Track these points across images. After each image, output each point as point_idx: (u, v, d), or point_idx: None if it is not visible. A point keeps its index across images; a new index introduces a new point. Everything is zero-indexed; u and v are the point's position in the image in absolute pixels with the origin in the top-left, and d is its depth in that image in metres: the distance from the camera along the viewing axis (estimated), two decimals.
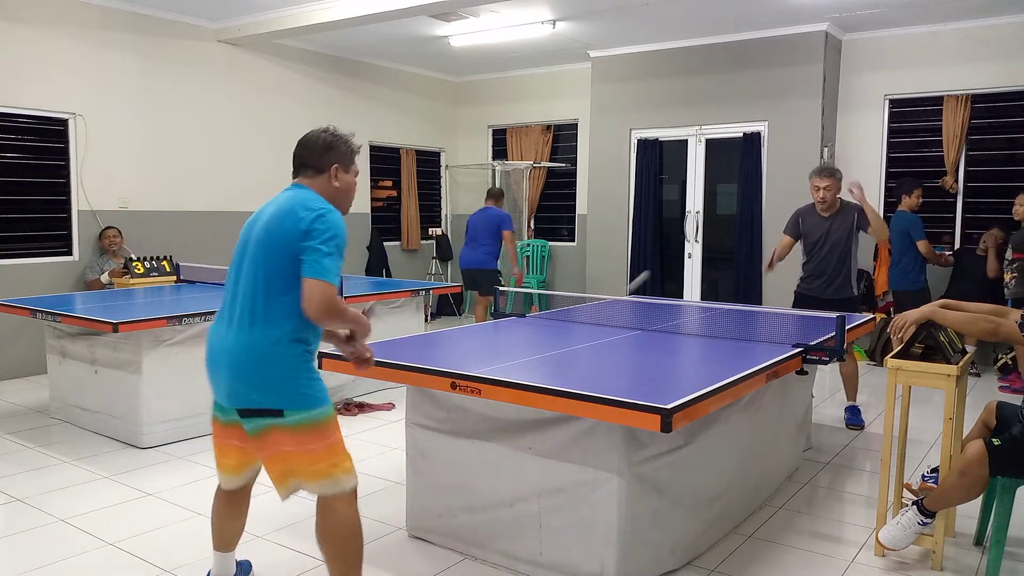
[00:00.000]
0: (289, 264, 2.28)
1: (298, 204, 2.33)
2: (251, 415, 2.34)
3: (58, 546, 3.18)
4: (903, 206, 6.62)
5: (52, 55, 6.38)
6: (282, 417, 2.30)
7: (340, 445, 2.39)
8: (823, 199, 4.93)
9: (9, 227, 6.32)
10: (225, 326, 2.39)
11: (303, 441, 2.31)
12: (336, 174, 2.48)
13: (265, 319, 2.30)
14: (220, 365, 2.37)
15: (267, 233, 2.33)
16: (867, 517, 3.50)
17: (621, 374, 2.94)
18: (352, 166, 2.55)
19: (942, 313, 3.00)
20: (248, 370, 2.31)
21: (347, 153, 2.51)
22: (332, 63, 8.67)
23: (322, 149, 2.47)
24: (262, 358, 2.30)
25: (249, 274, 2.35)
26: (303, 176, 2.48)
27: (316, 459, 2.33)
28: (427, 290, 6.09)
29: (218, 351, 2.38)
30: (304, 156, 2.48)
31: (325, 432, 2.35)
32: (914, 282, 6.46)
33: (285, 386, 2.31)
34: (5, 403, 5.53)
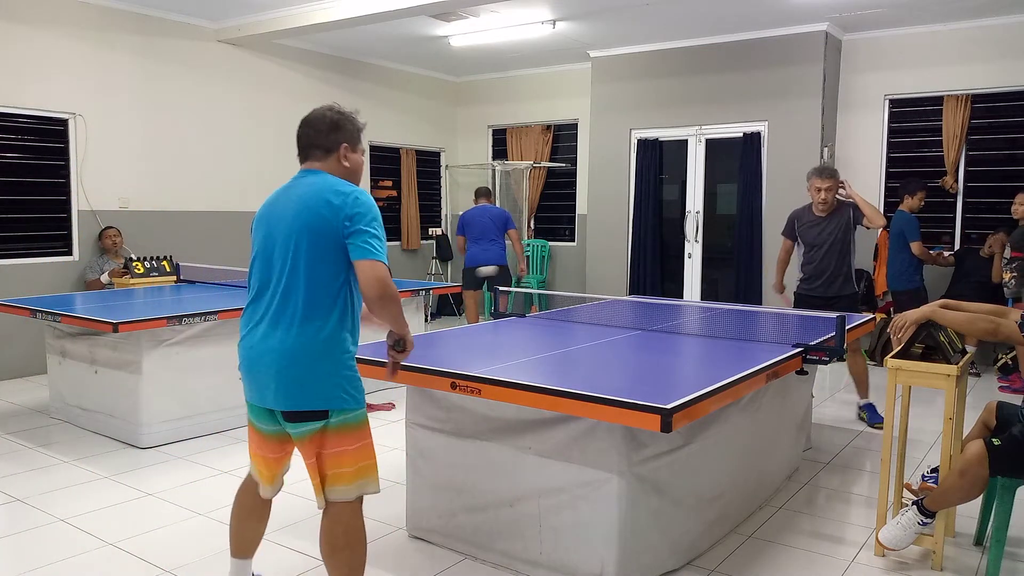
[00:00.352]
0: (331, 253, 2.23)
1: (326, 190, 2.26)
2: (299, 419, 2.28)
3: (58, 546, 3.18)
4: (903, 206, 6.62)
5: (52, 55, 6.38)
6: (327, 419, 2.27)
7: (372, 447, 2.38)
8: (824, 200, 4.94)
9: (9, 227, 6.32)
10: (267, 326, 2.28)
11: (341, 442, 2.29)
12: (345, 154, 2.40)
13: (313, 314, 2.24)
14: (267, 368, 2.27)
15: (302, 224, 2.25)
16: (867, 517, 3.50)
17: (621, 374, 2.93)
18: (359, 144, 2.47)
19: (942, 313, 3.00)
20: (301, 369, 2.24)
21: (354, 131, 2.43)
22: (332, 63, 8.68)
23: (329, 128, 2.38)
24: (315, 355, 2.24)
25: (287, 269, 2.26)
26: (312, 159, 2.40)
27: (350, 460, 2.31)
28: (427, 290, 6.09)
29: (263, 353, 2.28)
30: (311, 136, 2.39)
31: (361, 434, 2.34)
32: (909, 281, 6.48)
33: (332, 384, 2.26)
34: (5, 403, 5.53)
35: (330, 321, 2.26)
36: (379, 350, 3.21)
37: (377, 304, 2.21)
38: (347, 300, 2.31)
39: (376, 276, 2.17)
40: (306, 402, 2.25)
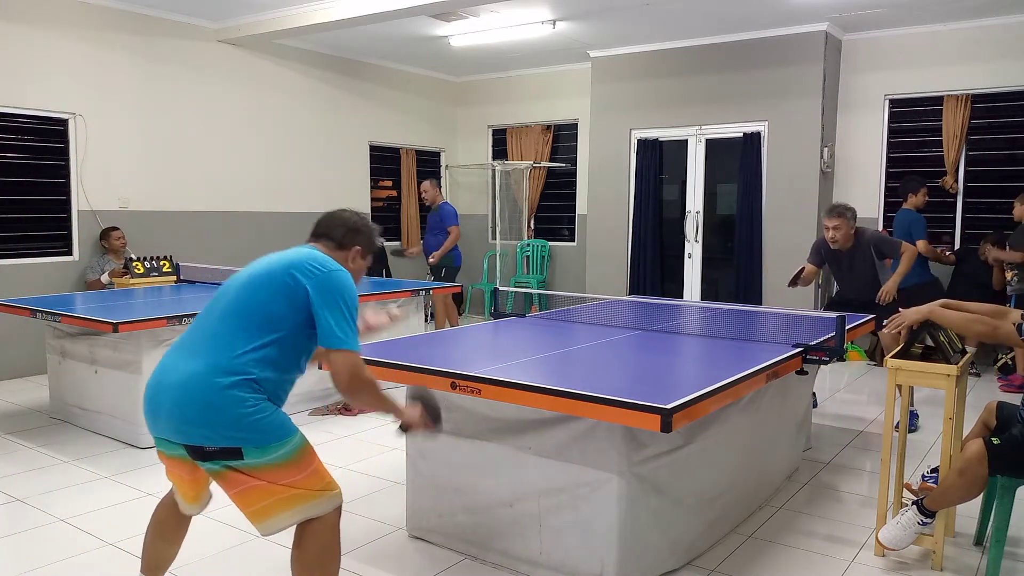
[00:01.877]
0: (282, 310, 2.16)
1: (312, 258, 2.22)
2: (205, 457, 2.12)
3: (58, 546, 3.18)
4: (908, 204, 6.61)
5: (52, 55, 6.38)
6: (241, 460, 2.10)
7: (317, 475, 2.20)
8: (833, 239, 4.99)
9: (9, 227, 6.32)
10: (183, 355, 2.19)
11: (271, 479, 2.12)
12: (355, 257, 2.41)
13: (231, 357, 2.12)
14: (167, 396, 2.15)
15: (271, 275, 2.20)
16: (867, 517, 3.50)
17: (621, 374, 2.94)
18: (368, 255, 2.48)
19: (941, 313, 3.00)
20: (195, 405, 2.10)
21: (369, 242, 2.45)
22: (332, 63, 8.67)
23: (350, 229, 2.41)
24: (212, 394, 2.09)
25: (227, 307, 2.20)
26: (321, 244, 2.37)
27: (287, 492, 2.14)
28: (427, 290, 6.09)
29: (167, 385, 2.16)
30: (330, 228, 2.40)
31: (297, 467, 2.16)
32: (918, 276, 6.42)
33: (240, 422, 2.08)
34: (5, 403, 5.53)
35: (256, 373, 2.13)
36: (379, 350, 3.21)
37: (349, 395, 2.17)
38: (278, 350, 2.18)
39: (349, 367, 2.13)
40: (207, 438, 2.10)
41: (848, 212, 4.96)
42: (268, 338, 2.16)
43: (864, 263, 5.03)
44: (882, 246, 5.03)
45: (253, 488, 2.14)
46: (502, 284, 9.48)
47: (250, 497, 2.15)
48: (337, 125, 8.78)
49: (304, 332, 2.21)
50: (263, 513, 2.16)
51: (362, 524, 3.39)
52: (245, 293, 2.21)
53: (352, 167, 9.02)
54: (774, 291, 7.59)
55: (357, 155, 9.08)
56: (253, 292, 2.20)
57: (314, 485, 2.18)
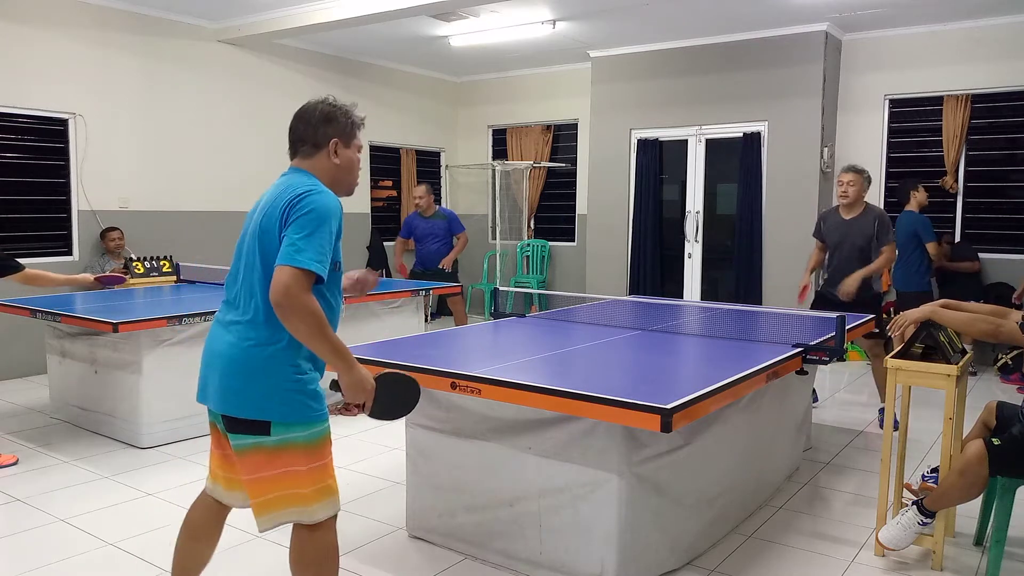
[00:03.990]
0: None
1: (289, 190, 2.12)
2: (236, 429, 2.11)
3: (58, 546, 3.18)
4: (911, 205, 6.57)
5: (52, 55, 6.38)
6: (267, 435, 2.08)
7: (329, 468, 2.17)
8: (844, 193, 4.99)
9: (9, 227, 6.32)
10: (220, 326, 2.19)
11: (288, 463, 2.10)
12: (336, 149, 2.24)
13: (258, 319, 2.10)
14: (212, 368, 2.16)
15: (259, 225, 2.13)
16: (867, 517, 3.50)
17: (621, 374, 2.94)
18: (354, 140, 2.30)
19: (942, 313, 3.00)
20: (237, 374, 2.09)
21: (347, 125, 2.27)
22: (332, 63, 8.68)
23: (319, 121, 2.23)
24: (252, 362, 2.08)
25: (245, 270, 2.16)
26: (300, 156, 2.26)
27: (302, 481, 2.11)
28: (427, 290, 6.09)
29: (212, 353, 2.18)
30: (300, 130, 2.25)
31: (315, 454, 2.13)
32: (919, 283, 6.39)
33: (274, 395, 2.07)
34: (5, 403, 5.53)
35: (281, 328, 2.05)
36: (379, 350, 3.21)
37: (278, 314, 2.00)
38: None
39: (281, 282, 1.95)
40: (243, 409, 2.08)
41: (864, 172, 5.02)
42: None
43: (861, 237, 4.96)
44: (885, 227, 4.97)
45: (269, 477, 2.11)
46: (502, 284, 9.48)
47: (264, 486, 2.12)
48: None
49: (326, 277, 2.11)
50: (271, 505, 2.13)
51: (362, 524, 3.39)
52: (255, 248, 2.13)
53: None
54: (774, 291, 7.59)
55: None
56: (262, 248, 2.11)
57: (322, 480, 2.15)
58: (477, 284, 9.97)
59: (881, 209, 5.14)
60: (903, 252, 6.47)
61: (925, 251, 6.44)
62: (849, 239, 5.02)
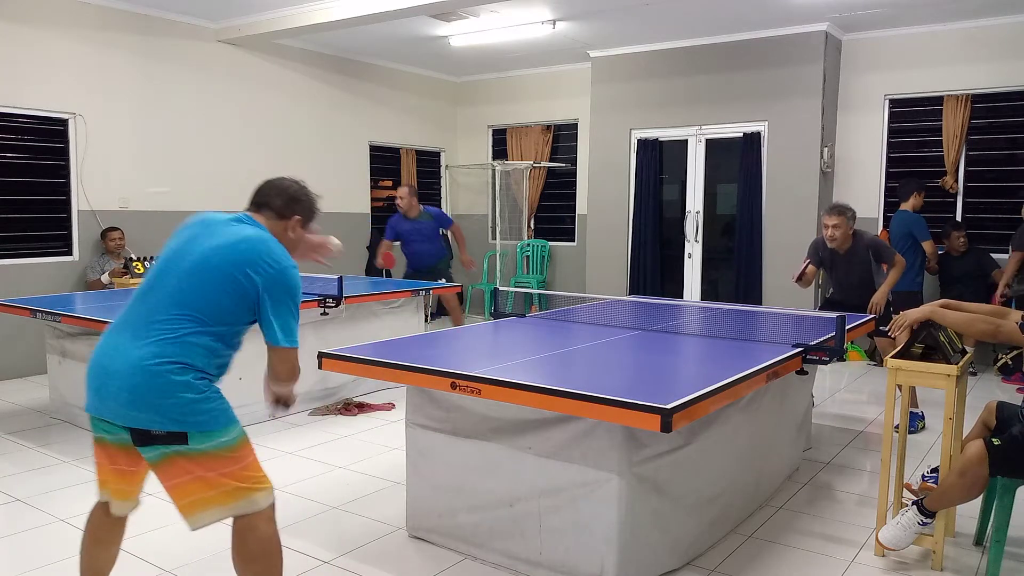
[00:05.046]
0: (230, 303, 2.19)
1: (265, 251, 2.23)
2: (151, 442, 2.13)
3: (58, 546, 3.18)
4: (906, 205, 6.60)
5: (52, 55, 6.38)
6: (186, 444, 2.12)
7: (253, 467, 2.24)
8: (832, 237, 4.91)
9: (9, 227, 6.32)
10: (128, 337, 2.18)
11: (210, 466, 2.15)
12: (294, 226, 2.43)
13: (179, 339, 2.14)
14: (116, 382, 2.14)
15: (219, 270, 2.19)
16: (867, 517, 3.50)
17: (621, 374, 2.94)
18: (310, 225, 2.50)
19: (942, 313, 3.00)
20: (151, 391, 2.10)
21: (310, 212, 2.47)
22: (332, 63, 8.68)
23: (290, 197, 2.42)
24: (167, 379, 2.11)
25: (176, 289, 2.19)
26: (260, 215, 2.38)
27: (224, 482, 2.17)
28: (427, 290, 6.09)
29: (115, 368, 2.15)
30: (270, 195, 2.41)
31: (235, 457, 2.19)
32: (911, 283, 6.45)
33: (189, 408, 2.12)
34: (5, 403, 5.53)
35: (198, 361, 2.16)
36: (380, 350, 3.21)
37: (280, 384, 2.35)
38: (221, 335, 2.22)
39: (291, 365, 2.30)
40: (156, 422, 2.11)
41: (848, 212, 4.93)
42: (216, 329, 2.20)
43: (860, 265, 4.98)
44: (880, 251, 4.98)
45: (192, 480, 2.16)
46: (502, 284, 9.49)
47: (188, 489, 2.18)
48: (337, 125, 8.78)
49: (248, 322, 2.30)
50: (198, 506, 2.19)
51: (362, 524, 3.39)
52: (195, 282, 2.19)
53: (352, 167, 9.02)
54: (774, 291, 7.59)
55: (357, 155, 9.08)
56: (202, 284, 2.19)
57: (249, 478, 2.21)
58: (477, 284, 9.97)
59: (869, 236, 5.06)
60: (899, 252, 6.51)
61: (918, 251, 6.49)
62: (851, 273, 5.02)
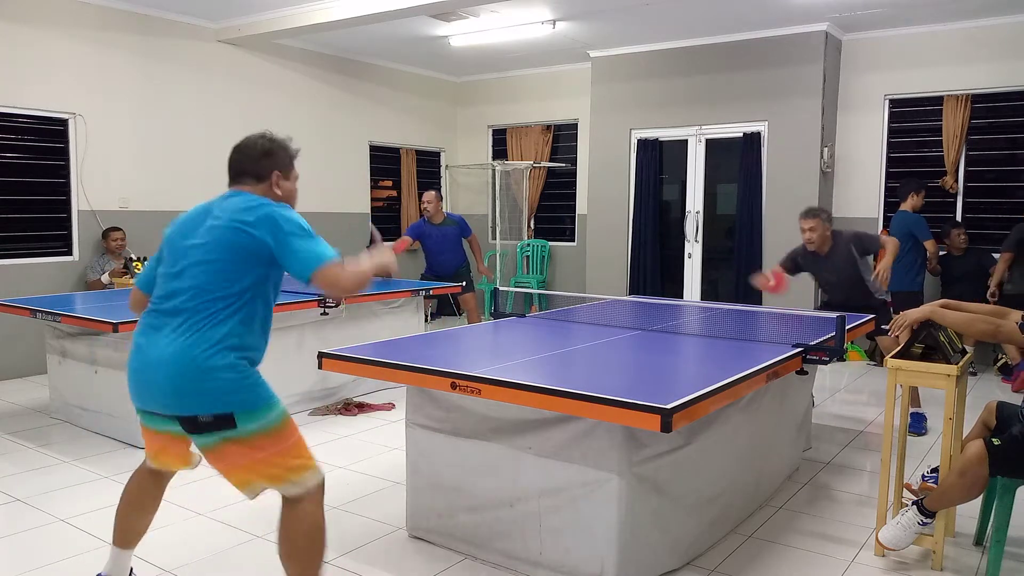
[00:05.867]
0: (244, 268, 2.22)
1: (246, 204, 2.26)
2: (201, 430, 2.20)
3: (58, 546, 3.18)
4: (906, 205, 6.61)
5: (52, 55, 6.38)
6: (234, 428, 2.18)
7: (300, 445, 2.30)
8: (809, 240, 4.87)
9: (9, 227, 6.32)
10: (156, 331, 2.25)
11: (260, 447, 2.21)
12: (277, 181, 2.41)
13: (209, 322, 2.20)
14: (158, 375, 2.21)
15: (225, 241, 2.23)
16: (867, 517, 3.50)
17: (621, 374, 2.94)
18: (292, 171, 2.47)
19: (942, 313, 3.00)
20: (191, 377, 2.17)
21: (286, 158, 2.44)
22: (332, 63, 8.68)
23: (260, 155, 2.39)
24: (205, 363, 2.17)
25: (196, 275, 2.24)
26: (241, 184, 2.41)
27: (276, 463, 2.23)
28: (427, 290, 6.09)
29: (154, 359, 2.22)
30: (242, 162, 2.41)
31: (282, 435, 2.25)
32: (912, 282, 6.46)
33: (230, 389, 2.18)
34: (5, 403, 5.53)
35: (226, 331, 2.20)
36: (380, 350, 3.21)
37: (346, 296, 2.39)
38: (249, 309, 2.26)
39: (334, 282, 2.21)
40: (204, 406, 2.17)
41: (823, 213, 4.85)
42: (243, 301, 2.24)
43: (844, 263, 4.90)
44: (864, 242, 4.91)
45: (244, 465, 2.24)
46: (502, 284, 9.48)
47: (241, 472, 2.26)
48: (337, 125, 8.78)
49: (267, 280, 2.30)
50: (250, 483, 2.27)
51: (362, 524, 3.39)
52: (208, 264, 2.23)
53: (352, 167, 9.02)
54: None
55: (357, 155, 9.08)
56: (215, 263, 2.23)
57: (298, 455, 2.28)
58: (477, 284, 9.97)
59: (848, 232, 4.99)
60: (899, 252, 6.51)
61: (919, 251, 6.50)
62: (835, 273, 4.97)
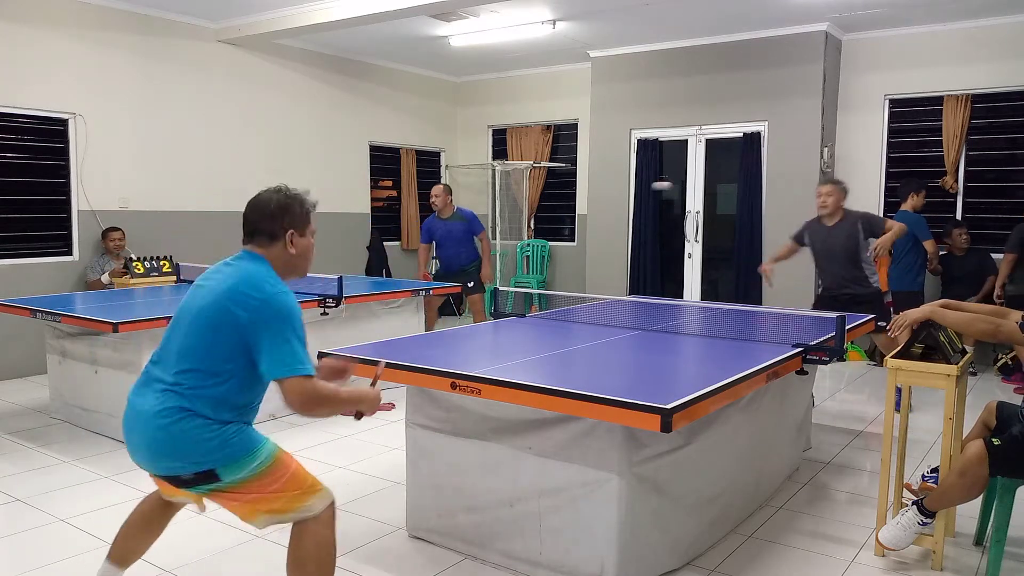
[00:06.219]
0: (226, 350, 2.13)
1: (247, 283, 2.15)
2: (187, 485, 2.17)
3: (58, 546, 3.18)
4: (907, 205, 6.62)
5: (52, 55, 6.38)
6: (220, 481, 2.15)
7: (298, 477, 2.23)
8: (823, 204, 5.23)
9: (9, 227, 6.32)
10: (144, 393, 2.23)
11: (253, 491, 2.17)
12: (292, 240, 2.29)
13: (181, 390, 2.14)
14: (137, 431, 2.20)
15: (211, 308, 2.15)
16: (867, 517, 3.50)
17: (621, 374, 2.94)
18: (308, 227, 2.34)
19: (942, 313, 3.00)
20: (167, 441, 2.14)
21: (302, 215, 2.31)
22: (332, 63, 8.68)
23: (274, 213, 2.26)
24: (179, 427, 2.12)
25: (182, 337, 2.19)
26: (255, 244, 2.29)
27: (274, 499, 2.19)
28: (427, 290, 6.09)
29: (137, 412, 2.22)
30: (256, 222, 2.27)
31: (274, 475, 2.19)
32: (912, 283, 6.47)
33: (209, 448, 2.12)
34: (5, 403, 5.53)
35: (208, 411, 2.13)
36: (379, 350, 3.21)
37: (307, 416, 2.20)
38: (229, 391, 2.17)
39: (299, 395, 2.08)
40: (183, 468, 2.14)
41: (841, 183, 5.26)
42: (223, 377, 2.15)
43: (847, 239, 5.16)
44: (872, 223, 5.21)
45: (241, 504, 2.21)
46: (502, 284, 9.48)
47: (241, 509, 2.23)
48: (337, 125, 8.78)
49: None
50: (255, 516, 2.24)
51: (362, 524, 3.39)
52: (195, 335, 2.17)
53: (352, 167, 9.02)
54: (774, 291, 7.57)
55: (357, 155, 9.08)
56: (200, 332, 2.16)
57: (297, 487, 2.22)
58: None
59: (861, 211, 5.34)
60: (898, 251, 6.53)
61: (920, 251, 6.51)
62: (835, 244, 5.24)
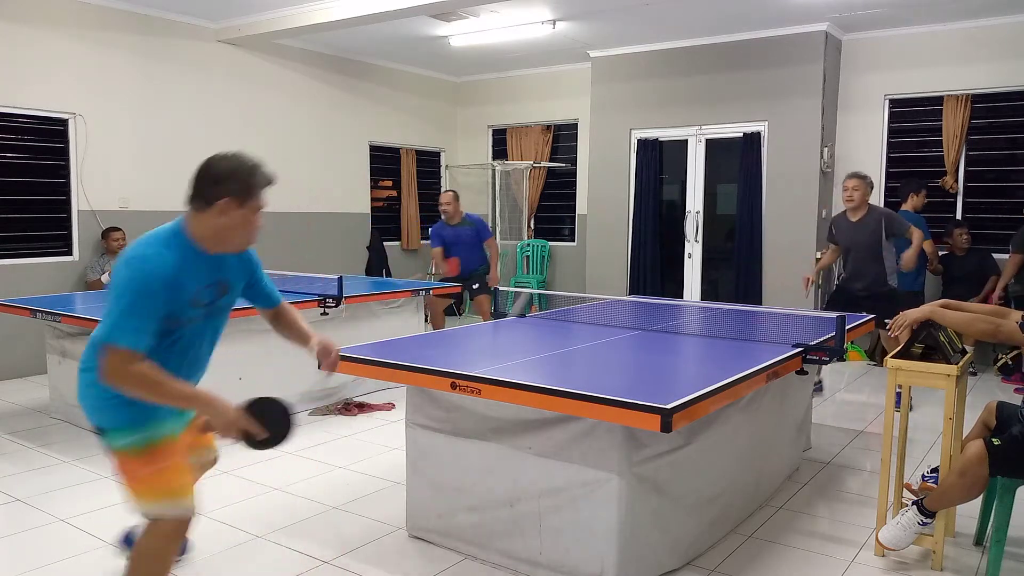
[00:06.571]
0: None
1: (132, 244, 2.21)
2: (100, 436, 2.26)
3: (58, 546, 3.18)
4: (907, 205, 6.63)
5: (52, 55, 6.37)
6: (106, 439, 2.21)
7: (166, 475, 2.20)
8: (850, 198, 5.39)
9: (9, 227, 6.31)
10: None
11: (126, 466, 2.20)
12: (224, 210, 2.18)
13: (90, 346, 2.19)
14: None
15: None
16: (867, 517, 3.50)
17: (621, 374, 2.94)
18: (251, 200, 2.21)
19: (942, 313, 3.00)
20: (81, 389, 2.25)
21: (246, 186, 2.19)
22: (332, 63, 8.67)
23: (216, 178, 2.17)
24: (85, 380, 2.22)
25: None
26: (191, 207, 2.25)
27: (136, 482, 2.19)
28: (427, 290, 6.09)
29: None
30: (195, 186, 2.21)
31: (148, 460, 2.18)
32: (912, 283, 6.48)
33: (101, 406, 2.19)
34: (5, 403, 5.53)
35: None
36: (379, 350, 3.21)
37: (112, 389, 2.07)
38: None
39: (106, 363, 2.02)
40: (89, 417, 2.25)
41: (867, 178, 5.42)
42: None
43: (871, 235, 5.33)
44: (893, 222, 5.37)
45: (120, 475, 2.23)
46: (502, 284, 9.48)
47: (121, 482, 2.25)
48: (337, 125, 8.78)
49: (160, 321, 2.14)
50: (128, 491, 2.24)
51: (362, 524, 3.39)
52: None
53: (352, 167, 9.02)
54: (774, 291, 7.59)
55: (357, 155, 9.08)
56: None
57: (162, 485, 2.20)
58: None
59: (883, 208, 5.51)
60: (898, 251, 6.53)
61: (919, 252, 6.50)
62: (860, 239, 5.40)
